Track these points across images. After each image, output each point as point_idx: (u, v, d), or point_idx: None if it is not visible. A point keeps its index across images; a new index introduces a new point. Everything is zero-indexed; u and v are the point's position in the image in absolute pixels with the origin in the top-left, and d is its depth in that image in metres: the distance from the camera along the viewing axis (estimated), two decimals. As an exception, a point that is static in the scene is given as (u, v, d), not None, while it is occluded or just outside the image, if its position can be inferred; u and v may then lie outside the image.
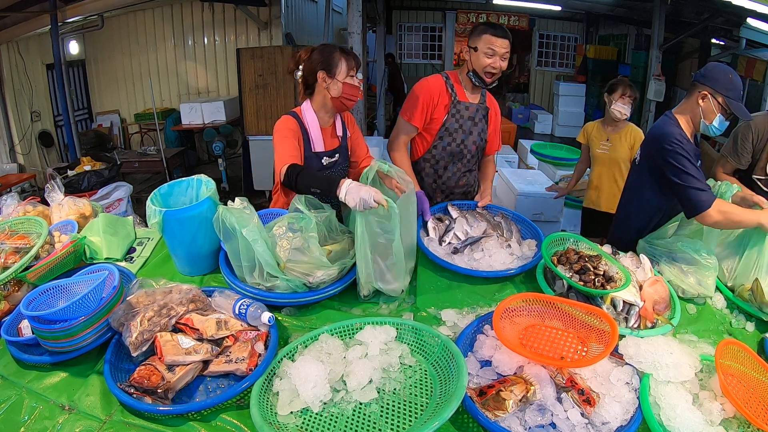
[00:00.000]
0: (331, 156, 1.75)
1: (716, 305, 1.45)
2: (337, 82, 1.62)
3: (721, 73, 1.60)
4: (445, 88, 1.92)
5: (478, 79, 1.86)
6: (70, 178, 4.36)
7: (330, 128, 1.76)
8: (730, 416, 1.01)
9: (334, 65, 1.61)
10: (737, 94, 1.59)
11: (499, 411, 0.97)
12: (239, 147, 5.71)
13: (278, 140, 1.62)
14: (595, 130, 2.82)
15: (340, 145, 1.78)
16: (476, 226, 1.73)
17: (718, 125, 1.62)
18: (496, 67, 1.83)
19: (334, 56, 1.61)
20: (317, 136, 1.69)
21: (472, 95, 1.96)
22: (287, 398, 1.02)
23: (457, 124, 1.95)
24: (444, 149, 1.98)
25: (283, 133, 1.62)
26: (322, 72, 1.62)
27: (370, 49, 9.35)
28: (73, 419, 1.01)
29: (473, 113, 1.96)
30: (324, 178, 1.44)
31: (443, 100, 1.92)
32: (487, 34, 1.80)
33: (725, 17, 5.46)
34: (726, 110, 1.59)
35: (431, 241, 1.67)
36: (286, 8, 6.49)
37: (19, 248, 1.41)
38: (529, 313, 1.27)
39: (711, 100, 1.60)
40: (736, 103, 1.58)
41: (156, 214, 1.39)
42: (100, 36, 6.46)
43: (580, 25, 9.91)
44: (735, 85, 1.59)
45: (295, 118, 1.67)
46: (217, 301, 1.27)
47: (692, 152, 1.59)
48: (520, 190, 3.39)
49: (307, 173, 1.49)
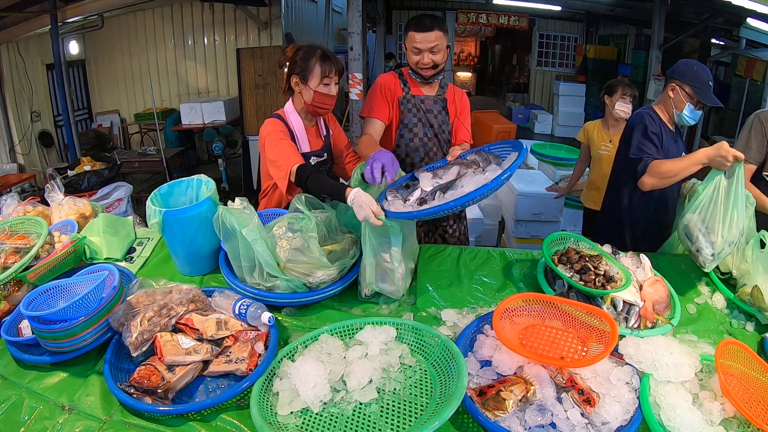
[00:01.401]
0: (320, 156, 1.76)
1: (716, 305, 1.45)
2: (309, 89, 1.61)
3: (687, 66, 1.81)
4: (398, 83, 1.91)
5: (417, 75, 1.84)
6: (70, 178, 4.37)
7: (314, 128, 1.77)
8: (730, 416, 1.01)
9: (308, 71, 1.59)
10: (703, 83, 1.76)
11: (499, 411, 0.97)
12: (239, 147, 5.71)
13: (274, 143, 1.59)
14: (597, 131, 2.81)
15: (324, 144, 1.79)
16: (446, 176, 1.47)
17: (689, 114, 1.81)
18: (425, 63, 1.78)
19: (309, 62, 1.59)
20: (303, 137, 1.70)
21: (426, 87, 1.93)
22: (287, 398, 1.02)
23: (415, 119, 1.92)
24: (407, 146, 1.95)
25: (277, 136, 1.60)
26: (296, 77, 1.62)
27: (370, 49, 9.36)
28: (73, 419, 1.01)
29: (430, 105, 1.93)
30: (332, 185, 1.42)
31: (397, 93, 1.90)
32: (411, 31, 1.76)
33: (725, 17, 5.47)
34: (694, 99, 1.78)
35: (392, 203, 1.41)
36: (286, 8, 6.50)
37: (19, 248, 1.41)
38: (529, 313, 1.27)
39: (679, 91, 1.80)
40: (702, 91, 1.76)
41: (156, 214, 1.39)
42: (100, 36, 6.46)
43: (580, 25, 9.91)
44: (700, 76, 1.77)
45: (281, 120, 1.66)
46: (217, 301, 1.27)
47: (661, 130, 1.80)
48: (520, 190, 3.39)
49: (317, 176, 1.48)
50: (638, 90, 2.97)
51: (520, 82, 11.84)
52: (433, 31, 1.74)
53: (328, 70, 1.60)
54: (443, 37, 1.77)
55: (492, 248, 1.74)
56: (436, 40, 1.75)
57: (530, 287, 1.50)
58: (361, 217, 1.30)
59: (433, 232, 2.10)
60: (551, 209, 3.40)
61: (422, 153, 1.96)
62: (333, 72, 1.61)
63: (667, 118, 1.88)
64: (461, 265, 1.62)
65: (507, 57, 13.72)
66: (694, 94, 1.76)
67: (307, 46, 1.63)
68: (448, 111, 1.98)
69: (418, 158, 1.96)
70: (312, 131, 1.75)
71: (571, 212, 3.61)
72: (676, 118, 1.85)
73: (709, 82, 1.76)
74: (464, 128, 2.01)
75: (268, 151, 1.60)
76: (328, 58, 1.61)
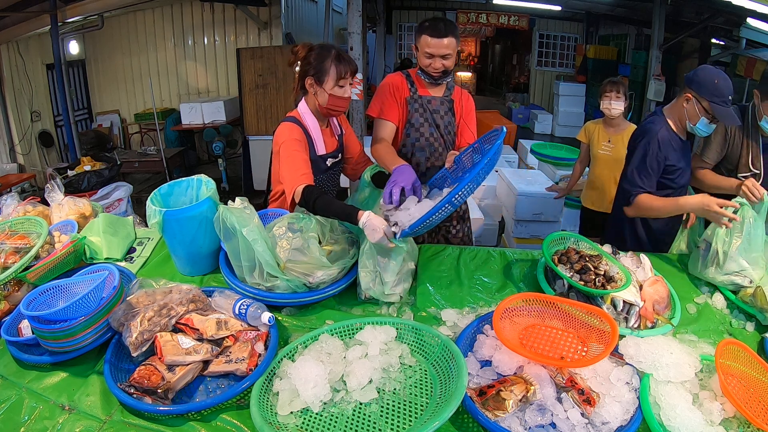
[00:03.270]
0: (335, 156, 1.75)
1: (716, 305, 1.44)
2: (324, 92, 1.57)
3: (708, 77, 1.63)
4: (405, 83, 1.91)
5: (426, 75, 1.84)
6: (70, 178, 4.37)
7: (328, 129, 1.75)
8: (730, 416, 1.01)
9: (323, 73, 1.55)
10: (723, 99, 1.61)
11: (499, 411, 0.97)
12: (239, 147, 5.71)
13: (288, 154, 1.54)
14: (597, 131, 2.82)
15: (339, 144, 1.78)
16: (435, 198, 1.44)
17: (702, 127, 1.70)
18: (436, 68, 1.79)
19: (324, 64, 1.55)
20: (319, 138, 1.67)
21: (434, 89, 1.93)
22: (287, 398, 1.02)
23: (422, 118, 1.93)
24: (413, 145, 1.95)
25: (292, 146, 1.55)
26: (311, 78, 1.58)
27: (370, 49, 9.36)
28: (73, 419, 1.01)
29: (437, 106, 1.94)
30: (343, 208, 1.39)
31: (404, 93, 1.90)
32: (424, 34, 1.75)
33: (725, 17, 5.47)
34: (710, 114, 1.64)
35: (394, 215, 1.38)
36: (286, 8, 6.50)
37: (19, 248, 1.41)
38: (529, 313, 1.27)
39: (695, 103, 1.66)
40: (720, 109, 1.61)
41: (156, 214, 1.39)
42: (100, 36, 6.47)
43: (580, 25, 9.92)
44: (720, 90, 1.60)
45: (297, 125, 1.62)
46: (217, 301, 1.27)
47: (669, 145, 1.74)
48: (520, 190, 3.39)
49: (326, 200, 1.42)
50: (638, 90, 2.97)
51: (520, 82, 11.84)
52: (447, 37, 1.73)
53: (344, 72, 1.56)
54: (455, 43, 1.76)
55: (492, 248, 1.74)
56: (449, 46, 1.75)
57: (530, 287, 1.50)
58: (375, 240, 1.29)
59: (436, 233, 2.10)
60: (551, 209, 3.40)
61: (428, 153, 1.97)
62: (348, 73, 1.57)
63: (678, 127, 1.77)
64: (461, 265, 1.62)
65: (507, 57, 13.72)
66: (711, 110, 1.62)
67: (320, 46, 1.59)
68: (454, 112, 1.99)
69: (423, 158, 1.97)
70: (327, 132, 1.73)
71: (571, 212, 3.61)
72: (688, 128, 1.74)
73: (729, 96, 1.62)
74: (469, 130, 2.02)
75: (282, 162, 1.56)
76: (343, 59, 1.56)
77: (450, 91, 1.98)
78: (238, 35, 6.58)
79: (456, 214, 2.10)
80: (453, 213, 2.04)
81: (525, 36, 10.82)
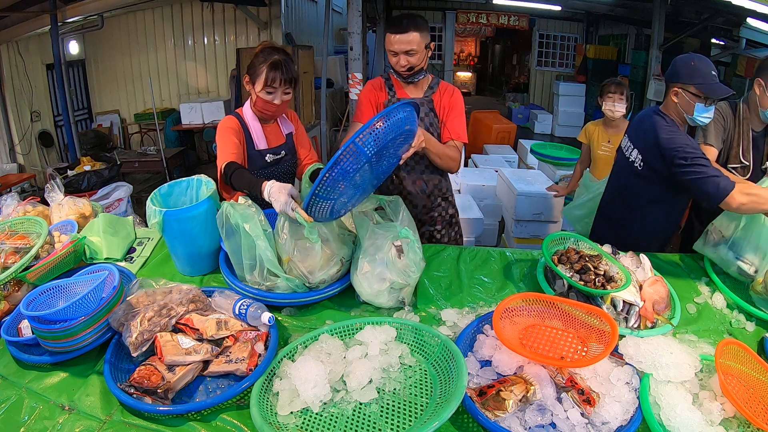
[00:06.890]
0: (276, 153, 1.74)
1: (716, 305, 1.45)
2: (254, 92, 1.62)
3: (684, 64, 1.64)
4: (384, 87, 1.90)
5: (397, 75, 1.82)
6: (70, 178, 4.36)
7: (273, 126, 1.76)
8: (730, 416, 1.01)
9: (255, 75, 1.58)
10: (706, 76, 1.59)
11: (499, 411, 0.97)
12: (239, 147, 5.70)
13: (219, 138, 1.62)
14: (597, 131, 2.82)
15: (285, 143, 1.78)
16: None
17: (701, 114, 1.64)
18: (402, 65, 1.73)
19: (259, 67, 1.57)
20: (258, 133, 1.69)
21: (411, 90, 1.89)
22: (287, 398, 1.02)
23: None
24: None
25: (224, 133, 1.62)
26: (247, 77, 1.62)
27: (370, 49, 9.35)
28: (73, 419, 1.01)
29: None
30: (249, 179, 1.43)
31: (382, 98, 1.88)
32: (388, 32, 1.72)
33: (725, 17, 5.47)
34: (701, 96, 1.61)
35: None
36: (286, 8, 6.50)
37: (19, 248, 1.41)
38: (529, 313, 1.27)
39: (684, 93, 1.63)
40: (707, 86, 1.59)
41: (156, 214, 1.39)
42: (100, 36, 6.46)
43: (580, 25, 9.92)
44: (700, 70, 1.60)
45: (237, 118, 1.67)
46: (217, 301, 1.27)
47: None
48: (520, 190, 3.38)
49: (238, 173, 1.48)
50: (638, 90, 2.97)
51: (520, 82, 11.85)
52: (408, 32, 1.67)
53: (272, 79, 1.56)
54: (421, 38, 1.69)
55: (492, 248, 1.74)
56: (411, 42, 1.68)
57: (530, 287, 1.50)
58: (279, 208, 1.28)
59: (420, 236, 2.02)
60: (551, 209, 3.40)
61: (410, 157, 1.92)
62: (278, 82, 1.56)
63: (678, 122, 1.72)
64: (461, 265, 1.62)
65: (507, 57, 13.73)
66: (701, 91, 1.60)
67: (269, 50, 1.60)
68: (436, 112, 1.92)
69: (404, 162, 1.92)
70: (270, 129, 1.75)
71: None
72: (689, 122, 1.70)
73: (712, 72, 1.59)
74: (446, 127, 1.89)
75: (217, 147, 1.63)
76: (277, 68, 1.56)
77: (432, 90, 1.90)
78: (238, 35, 6.58)
79: (441, 218, 2.06)
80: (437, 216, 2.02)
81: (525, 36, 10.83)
